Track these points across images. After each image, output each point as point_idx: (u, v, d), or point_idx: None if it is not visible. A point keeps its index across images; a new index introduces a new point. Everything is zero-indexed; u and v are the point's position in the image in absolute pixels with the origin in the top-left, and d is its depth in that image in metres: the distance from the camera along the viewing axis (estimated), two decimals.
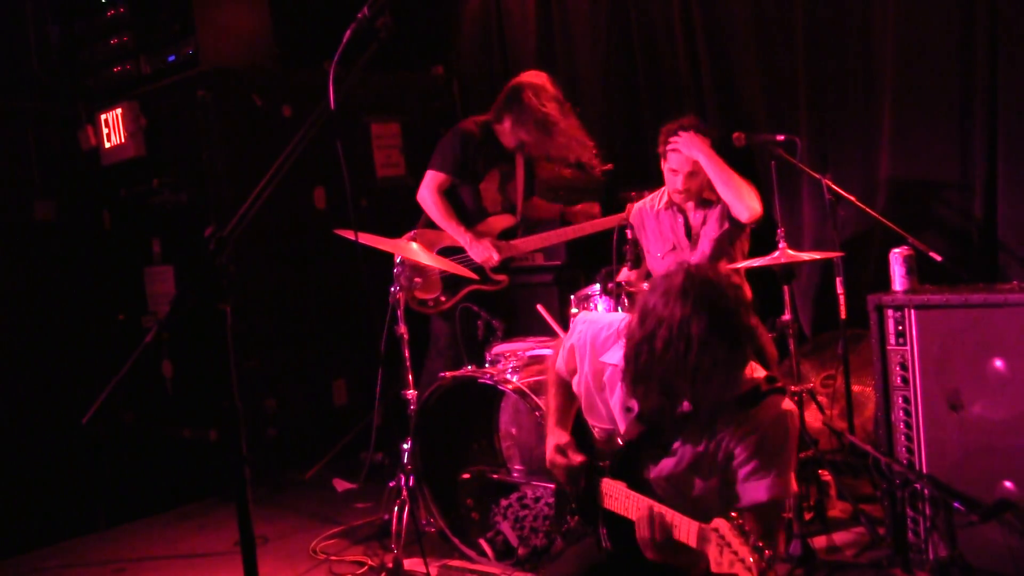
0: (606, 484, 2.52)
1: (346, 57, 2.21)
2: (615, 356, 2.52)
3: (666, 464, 2.45)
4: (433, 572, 3.71)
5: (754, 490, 2.33)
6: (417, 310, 4.65)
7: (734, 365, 2.25)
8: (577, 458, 2.63)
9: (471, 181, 4.67)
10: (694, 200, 4.26)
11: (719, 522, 2.13)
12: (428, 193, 4.60)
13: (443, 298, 4.64)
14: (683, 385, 2.24)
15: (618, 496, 2.46)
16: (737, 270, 4.29)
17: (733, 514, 2.13)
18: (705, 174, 4.13)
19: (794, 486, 2.40)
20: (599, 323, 2.67)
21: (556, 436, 2.73)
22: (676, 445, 2.43)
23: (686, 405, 2.33)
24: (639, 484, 2.45)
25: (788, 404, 2.37)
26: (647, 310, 2.29)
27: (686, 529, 2.21)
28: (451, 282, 4.61)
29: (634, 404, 2.47)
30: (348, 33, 2.22)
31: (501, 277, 4.72)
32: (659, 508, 2.28)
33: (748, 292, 2.47)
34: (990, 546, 3.28)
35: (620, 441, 2.56)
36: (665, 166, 4.22)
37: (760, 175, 4.93)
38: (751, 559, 2.06)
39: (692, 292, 2.22)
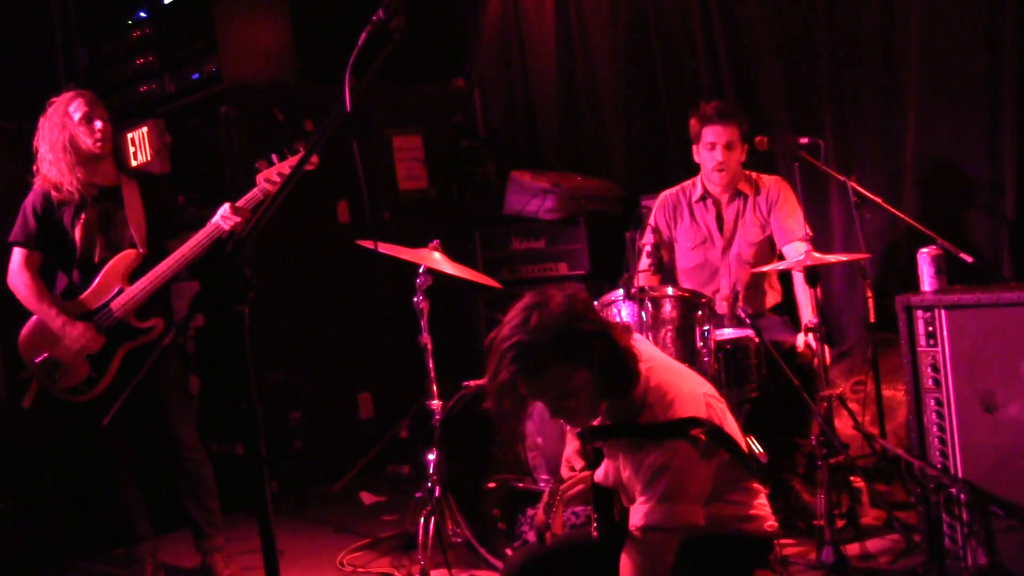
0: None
1: (362, 62, 2.22)
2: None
3: (603, 471, 2.58)
4: None
5: (633, 513, 2.38)
6: (72, 400, 3.99)
7: (566, 380, 2.34)
8: (578, 464, 2.74)
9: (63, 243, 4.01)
10: (729, 189, 4.26)
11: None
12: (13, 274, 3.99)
13: (95, 374, 3.94)
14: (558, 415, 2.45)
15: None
16: (764, 274, 4.26)
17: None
18: (742, 149, 4.19)
19: (693, 519, 2.35)
20: None
21: (568, 446, 2.82)
22: (604, 458, 2.55)
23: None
24: None
25: (685, 448, 2.33)
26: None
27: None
28: (99, 357, 3.93)
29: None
30: (363, 36, 2.23)
31: (151, 323, 3.99)
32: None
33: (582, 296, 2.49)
34: None
35: None
36: (699, 147, 4.25)
37: (784, 178, 4.89)
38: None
39: (498, 356, 2.34)
